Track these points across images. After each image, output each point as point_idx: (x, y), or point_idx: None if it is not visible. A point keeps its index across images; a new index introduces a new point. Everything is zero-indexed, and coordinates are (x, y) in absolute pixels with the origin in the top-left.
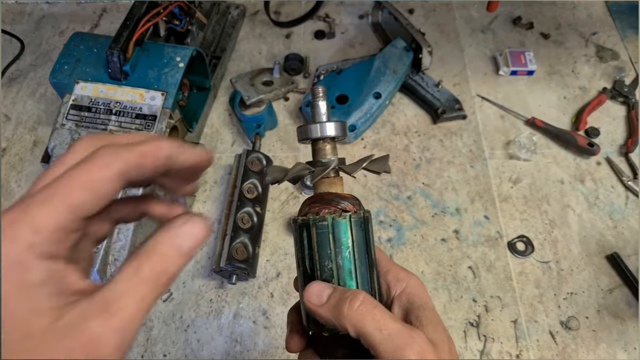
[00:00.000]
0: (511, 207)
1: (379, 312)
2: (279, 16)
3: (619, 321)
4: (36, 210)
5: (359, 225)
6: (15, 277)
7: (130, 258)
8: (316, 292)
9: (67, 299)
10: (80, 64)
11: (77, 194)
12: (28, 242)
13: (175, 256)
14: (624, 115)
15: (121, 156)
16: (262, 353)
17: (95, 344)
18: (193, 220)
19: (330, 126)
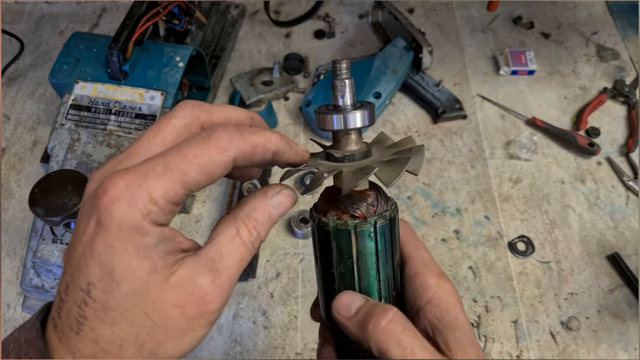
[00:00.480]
0: (512, 207)
1: (407, 336)
2: (278, 16)
3: (619, 321)
4: (154, 181)
5: (387, 228)
6: (135, 240)
7: (229, 220)
8: (346, 303)
9: (177, 257)
10: (79, 64)
11: (194, 173)
12: (145, 210)
13: (266, 222)
14: (625, 115)
15: (237, 142)
16: (262, 353)
17: (205, 300)
18: (285, 192)
19: (358, 116)
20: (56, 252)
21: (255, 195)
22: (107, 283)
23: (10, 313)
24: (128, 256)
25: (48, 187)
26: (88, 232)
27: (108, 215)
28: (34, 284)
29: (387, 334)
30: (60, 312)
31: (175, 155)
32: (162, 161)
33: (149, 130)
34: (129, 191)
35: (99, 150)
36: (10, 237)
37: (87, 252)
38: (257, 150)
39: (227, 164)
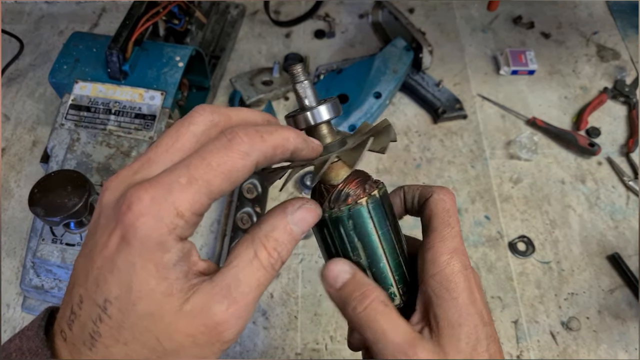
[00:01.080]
0: (512, 207)
1: (383, 318)
2: (278, 15)
3: (619, 322)
4: (179, 193)
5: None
6: (156, 257)
7: (247, 241)
8: (334, 273)
9: (192, 281)
10: (79, 64)
11: (218, 182)
12: (172, 225)
13: (288, 242)
14: (625, 115)
15: (258, 146)
16: (262, 354)
17: (219, 329)
18: (306, 206)
19: (323, 110)
20: (56, 252)
21: (274, 212)
22: (124, 302)
23: (10, 313)
24: (147, 275)
25: (48, 187)
26: (110, 247)
27: (133, 231)
28: (34, 284)
29: (364, 318)
30: (72, 325)
31: (199, 164)
32: (186, 171)
33: (167, 136)
34: (154, 206)
35: (98, 150)
36: (9, 237)
37: (106, 267)
38: (277, 151)
39: (250, 169)
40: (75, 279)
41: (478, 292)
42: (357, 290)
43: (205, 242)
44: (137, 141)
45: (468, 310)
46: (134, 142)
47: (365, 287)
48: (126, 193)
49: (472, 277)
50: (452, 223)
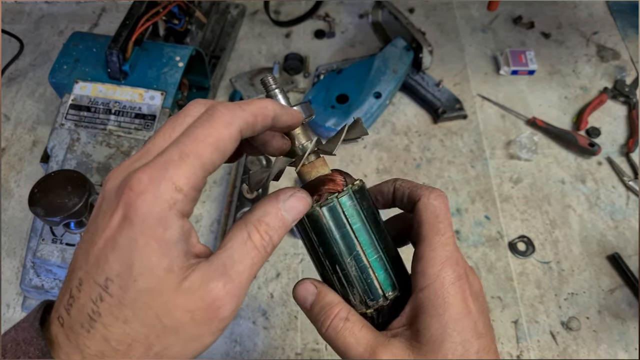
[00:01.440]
0: (512, 207)
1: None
2: (278, 15)
3: (619, 321)
4: (175, 169)
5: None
6: (157, 233)
7: (240, 225)
8: (302, 295)
9: (190, 261)
10: (79, 64)
11: (208, 153)
12: (171, 200)
13: (279, 227)
14: (625, 115)
15: (238, 115)
16: (262, 354)
17: (216, 305)
18: (297, 194)
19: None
20: (56, 252)
21: (267, 198)
22: (125, 278)
23: (10, 313)
24: (149, 250)
25: (48, 187)
26: (111, 226)
27: (134, 209)
28: (34, 284)
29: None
30: (70, 308)
31: (187, 140)
32: (177, 149)
33: (164, 128)
34: (153, 184)
35: (98, 150)
36: (9, 237)
37: (108, 246)
38: (258, 118)
39: (235, 137)
40: (74, 265)
41: (473, 303)
42: (321, 310)
43: (205, 242)
44: (137, 141)
45: (455, 326)
46: (134, 142)
47: (327, 307)
48: (126, 178)
49: (467, 288)
50: (442, 229)
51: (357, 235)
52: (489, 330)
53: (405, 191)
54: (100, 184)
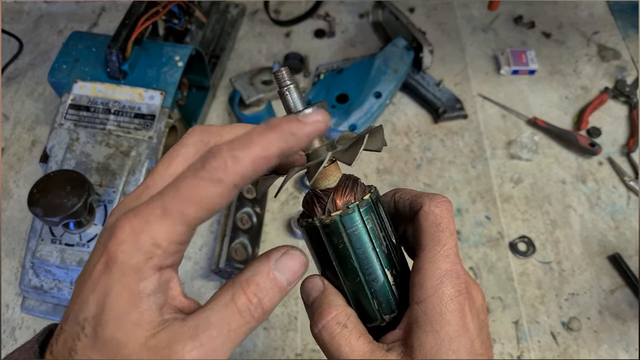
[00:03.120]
0: (512, 207)
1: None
2: (278, 15)
3: (620, 322)
4: (156, 224)
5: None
6: (131, 284)
7: (227, 285)
8: (307, 290)
9: (165, 316)
10: (78, 63)
11: (192, 211)
12: (148, 253)
13: (270, 288)
14: (626, 115)
15: (232, 169)
16: (262, 354)
17: None
18: (291, 252)
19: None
20: (55, 252)
21: (259, 258)
22: (98, 322)
23: (9, 314)
24: (121, 300)
25: (47, 187)
26: (97, 269)
27: (114, 257)
28: (33, 284)
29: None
30: (58, 339)
31: (172, 195)
32: (161, 203)
33: (161, 162)
34: (133, 235)
35: (98, 150)
36: (9, 238)
37: (91, 288)
38: (258, 165)
39: (227, 194)
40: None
41: (472, 321)
42: (318, 308)
43: (205, 242)
44: (136, 141)
45: (451, 345)
46: (133, 141)
47: (326, 306)
48: (115, 221)
49: (466, 304)
50: (443, 240)
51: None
52: (487, 349)
53: (406, 202)
54: (100, 184)
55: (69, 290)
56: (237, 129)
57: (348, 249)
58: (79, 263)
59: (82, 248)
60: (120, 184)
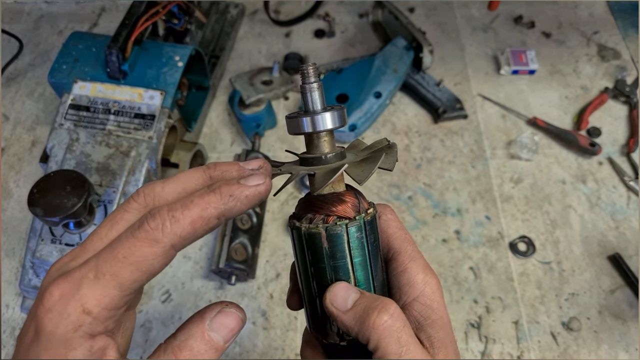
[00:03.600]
0: (512, 207)
1: (406, 334)
2: (278, 15)
3: (620, 322)
4: (87, 289)
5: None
6: (60, 354)
7: (159, 350)
8: (342, 295)
9: None
10: (79, 64)
11: (127, 274)
12: (77, 322)
13: (206, 351)
14: (626, 115)
15: (168, 230)
16: (262, 354)
17: None
18: (227, 310)
19: (328, 117)
20: (55, 252)
21: (191, 319)
22: None
23: (9, 313)
24: None
25: (47, 188)
26: (28, 337)
27: (41, 325)
28: (33, 284)
29: (388, 329)
30: None
31: (107, 256)
32: (95, 265)
33: (103, 224)
34: (61, 302)
35: (97, 150)
36: (9, 238)
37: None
38: (197, 226)
39: (165, 255)
40: None
41: None
42: (375, 302)
43: (205, 242)
44: (136, 141)
45: (450, 326)
46: (133, 142)
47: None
48: (46, 285)
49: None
50: (410, 239)
51: (355, 269)
52: None
53: None
54: (100, 184)
55: None
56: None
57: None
58: None
59: None
60: (120, 184)
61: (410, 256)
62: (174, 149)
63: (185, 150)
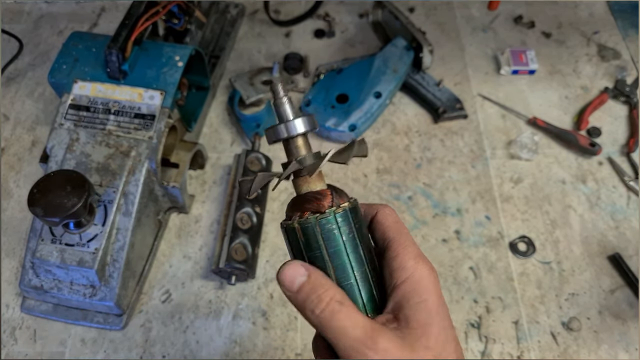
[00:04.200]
0: (512, 207)
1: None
2: (278, 15)
3: (620, 322)
4: None
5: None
6: None
7: None
8: (289, 275)
9: None
10: (78, 64)
11: None
12: None
13: None
14: (626, 115)
15: None
16: (262, 354)
17: None
18: None
19: (299, 123)
20: (55, 252)
21: None
22: None
23: (9, 313)
24: None
25: (47, 187)
26: None
27: None
28: (33, 284)
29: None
30: None
31: None
32: None
33: None
34: None
35: (98, 150)
36: (9, 238)
37: None
38: None
39: None
40: None
41: (442, 294)
42: (313, 292)
43: (205, 242)
44: (136, 141)
45: (437, 310)
46: (133, 142)
47: (320, 289)
48: None
49: (437, 278)
50: (405, 231)
51: (331, 259)
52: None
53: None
54: (100, 184)
55: (69, 290)
56: None
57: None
58: (79, 263)
59: (82, 248)
60: (120, 184)
61: (402, 244)
62: (174, 149)
63: (185, 150)
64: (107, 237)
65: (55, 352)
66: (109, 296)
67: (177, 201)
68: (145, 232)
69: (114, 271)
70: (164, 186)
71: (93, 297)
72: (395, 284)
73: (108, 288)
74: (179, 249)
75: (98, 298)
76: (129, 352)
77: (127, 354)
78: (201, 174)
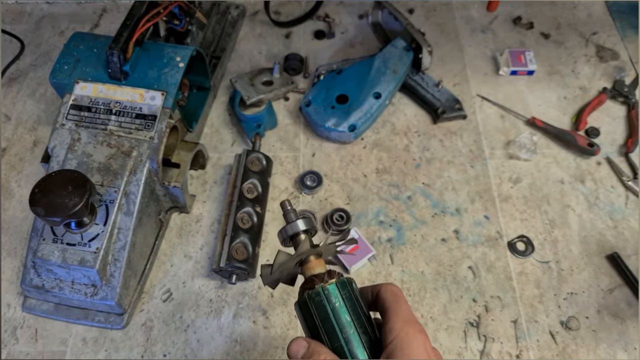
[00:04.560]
0: (511, 207)
1: None
2: (279, 16)
3: (619, 321)
4: None
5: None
6: None
7: None
8: (294, 349)
9: None
10: (80, 64)
11: None
12: None
13: None
14: (624, 115)
15: None
16: (262, 353)
17: None
18: None
19: (300, 223)
20: (56, 252)
21: None
22: None
23: (10, 313)
24: None
25: (48, 187)
26: None
27: None
28: (34, 283)
29: None
30: None
31: None
32: None
33: None
34: None
35: (99, 150)
36: (10, 237)
37: None
38: None
39: None
40: None
41: (432, 352)
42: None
43: (206, 241)
44: (137, 141)
45: None
46: (134, 142)
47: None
48: None
49: (428, 341)
50: (400, 301)
51: (322, 324)
52: None
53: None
54: (101, 184)
55: (70, 290)
56: None
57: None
58: (80, 262)
59: (83, 248)
60: (121, 184)
61: (395, 311)
62: (175, 149)
63: (186, 151)
64: (108, 236)
65: (57, 351)
66: (110, 295)
67: (178, 201)
68: (147, 232)
69: (115, 270)
70: (165, 186)
71: (94, 296)
72: (385, 344)
73: (109, 287)
74: (180, 249)
75: (99, 297)
76: (130, 351)
77: (128, 353)
78: (202, 174)
